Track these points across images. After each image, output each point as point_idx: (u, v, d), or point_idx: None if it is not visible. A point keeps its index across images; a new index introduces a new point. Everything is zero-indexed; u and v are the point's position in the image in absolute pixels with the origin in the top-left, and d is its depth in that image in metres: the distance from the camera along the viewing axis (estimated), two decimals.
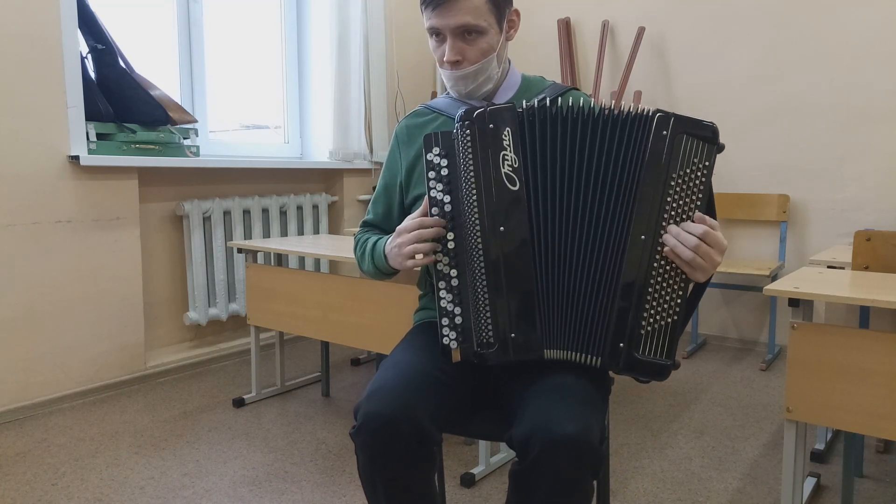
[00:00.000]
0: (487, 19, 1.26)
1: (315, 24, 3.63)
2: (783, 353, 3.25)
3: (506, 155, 1.13)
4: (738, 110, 3.34)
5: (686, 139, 1.08)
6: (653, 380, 1.12)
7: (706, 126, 1.08)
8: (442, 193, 1.15)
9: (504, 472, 2.03)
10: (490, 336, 1.13)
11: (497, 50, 1.29)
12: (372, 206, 1.48)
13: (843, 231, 3.11)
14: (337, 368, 3.07)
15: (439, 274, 1.16)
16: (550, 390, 1.10)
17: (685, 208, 1.09)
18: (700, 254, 1.06)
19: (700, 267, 1.08)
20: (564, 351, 1.15)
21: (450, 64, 1.28)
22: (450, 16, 1.24)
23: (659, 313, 1.10)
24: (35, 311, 2.50)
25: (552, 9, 3.85)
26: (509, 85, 1.37)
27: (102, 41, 2.71)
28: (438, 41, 1.29)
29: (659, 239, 1.09)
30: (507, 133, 1.13)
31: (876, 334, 1.41)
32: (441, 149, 1.15)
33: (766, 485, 1.95)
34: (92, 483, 1.96)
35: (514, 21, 1.34)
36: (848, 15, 3.03)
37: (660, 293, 1.10)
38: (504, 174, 1.12)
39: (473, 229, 1.13)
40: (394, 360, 1.23)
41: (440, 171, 1.15)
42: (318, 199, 3.59)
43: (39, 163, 2.47)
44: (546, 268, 1.14)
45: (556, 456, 1.00)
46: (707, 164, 1.08)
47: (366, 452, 1.10)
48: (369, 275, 1.41)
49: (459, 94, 1.34)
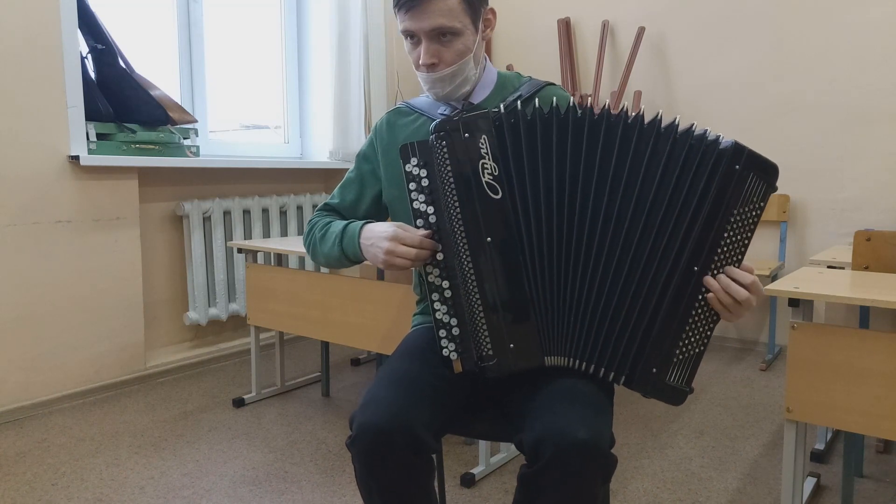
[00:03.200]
0: (462, 20, 1.23)
1: (315, 24, 3.63)
2: (783, 353, 3.24)
3: (485, 164, 1.10)
4: (738, 110, 3.34)
5: (752, 177, 1.05)
6: (670, 404, 1.11)
7: (772, 168, 1.06)
8: (425, 205, 1.12)
9: (504, 473, 2.03)
10: (489, 349, 1.11)
11: (473, 50, 1.27)
12: (339, 190, 1.45)
13: (843, 231, 3.11)
14: (337, 368, 3.06)
15: (431, 286, 1.14)
16: (561, 394, 1.10)
17: (736, 247, 1.07)
18: (743, 304, 1.05)
19: (735, 313, 1.07)
20: (566, 358, 1.13)
21: (425, 67, 1.25)
22: (423, 18, 1.21)
23: (692, 343, 1.09)
24: (35, 311, 2.50)
25: (552, 9, 3.85)
26: (485, 84, 1.34)
27: (102, 41, 2.71)
28: (413, 44, 1.26)
29: (707, 273, 1.06)
30: (484, 141, 1.10)
31: (876, 334, 1.41)
32: (419, 159, 1.12)
33: (766, 485, 1.95)
34: (92, 483, 1.96)
35: (490, 20, 1.31)
36: (848, 15, 3.03)
37: (698, 324, 1.09)
38: (485, 183, 1.10)
39: (460, 241, 1.11)
40: (389, 368, 1.22)
41: (420, 181, 1.12)
42: (318, 199, 3.59)
43: (39, 163, 2.47)
44: (545, 277, 1.11)
45: (569, 460, 1.00)
46: (762, 205, 1.06)
47: (361, 462, 1.09)
48: (327, 259, 1.35)
49: (437, 96, 1.31)
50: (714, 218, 1.05)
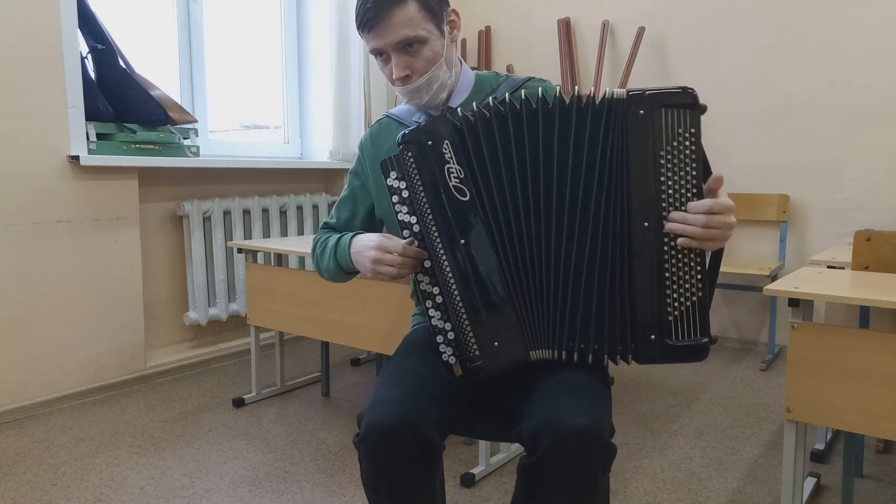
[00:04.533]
0: (425, 27, 1.23)
1: (315, 24, 3.63)
2: (783, 353, 3.24)
3: (450, 168, 1.12)
4: (738, 110, 3.34)
5: (665, 112, 1.04)
6: (692, 361, 1.09)
7: (683, 93, 1.04)
8: (408, 215, 1.15)
9: (504, 473, 2.03)
10: (475, 349, 1.13)
11: (444, 55, 1.27)
12: (336, 209, 1.48)
13: (843, 231, 3.11)
14: (337, 368, 3.07)
15: (424, 293, 1.16)
16: (559, 385, 1.10)
17: (683, 182, 1.05)
18: (712, 226, 1.04)
19: (714, 238, 1.05)
20: (552, 350, 1.14)
21: (399, 80, 1.26)
22: (387, 33, 1.22)
23: (683, 295, 1.07)
24: (35, 311, 2.50)
25: (552, 9, 3.85)
26: (462, 87, 1.34)
27: (102, 41, 2.71)
28: (384, 60, 1.27)
29: (663, 222, 1.06)
30: (447, 145, 1.12)
31: (876, 334, 1.41)
32: (397, 172, 1.14)
33: (766, 485, 1.95)
34: (92, 483, 1.96)
35: (455, 21, 1.31)
36: (848, 15, 3.03)
37: (678, 275, 1.07)
38: (453, 187, 1.12)
39: (438, 246, 1.13)
40: (396, 367, 1.23)
41: (401, 193, 1.15)
42: (318, 199, 3.59)
43: (39, 163, 2.47)
44: (519, 271, 1.12)
45: (568, 448, 1.00)
46: (693, 132, 1.03)
47: (369, 460, 1.10)
48: (329, 274, 1.40)
49: (417, 106, 1.32)
50: (643, 168, 1.05)
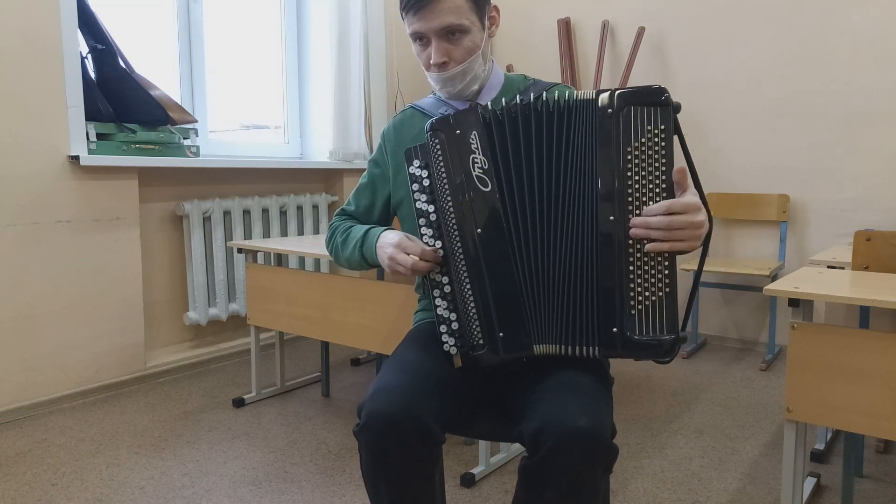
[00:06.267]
0: (469, 17, 1.26)
1: (315, 24, 3.63)
2: (783, 353, 3.25)
3: (475, 158, 1.14)
4: (738, 110, 3.34)
5: (634, 111, 1.06)
6: (658, 358, 1.10)
7: (652, 91, 1.06)
8: (426, 204, 1.17)
9: (504, 473, 2.03)
10: (480, 338, 1.15)
11: (482, 48, 1.29)
12: (354, 196, 1.48)
13: (843, 231, 3.11)
14: (337, 368, 3.07)
15: (433, 283, 1.18)
16: (560, 385, 1.10)
17: (650, 178, 1.07)
18: (676, 227, 1.05)
19: (683, 239, 1.06)
20: (555, 345, 1.14)
21: (436, 66, 1.28)
22: (433, 17, 1.24)
23: (648, 289, 1.08)
24: (35, 311, 2.50)
25: (552, 9, 3.85)
26: (492, 85, 1.37)
27: (102, 41, 2.71)
28: (422, 45, 1.29)
29: (628, 216, 1.07)
30: (475, 136, 1.14)
31: (876, 334, 1.41)
32: (420, 160, 1.17)
33: (766, 485, 1.95)
34: (92, 483, 1.96)
35: (495, 17, 1.34)
36: (848, 15, 3.03)
37: (644, 269, 1.08)
38: (476, 177, 1.14)
39: (455, 235, 1.15)
40: (398, 359, 1.23)
41: (422, 182, 1.17)
42: (318, 199, 3.59)
43: (39, 163, 2.47)
44: (528, 264, 1.14)
45: (569, 449, 1.00)
46: (663, 128, 1.05)
47: (369, 451, 1.10)
48: (349, 262, 1.40)
49: (449, 95, 1.34)
50: (611, 163, 1.08)
